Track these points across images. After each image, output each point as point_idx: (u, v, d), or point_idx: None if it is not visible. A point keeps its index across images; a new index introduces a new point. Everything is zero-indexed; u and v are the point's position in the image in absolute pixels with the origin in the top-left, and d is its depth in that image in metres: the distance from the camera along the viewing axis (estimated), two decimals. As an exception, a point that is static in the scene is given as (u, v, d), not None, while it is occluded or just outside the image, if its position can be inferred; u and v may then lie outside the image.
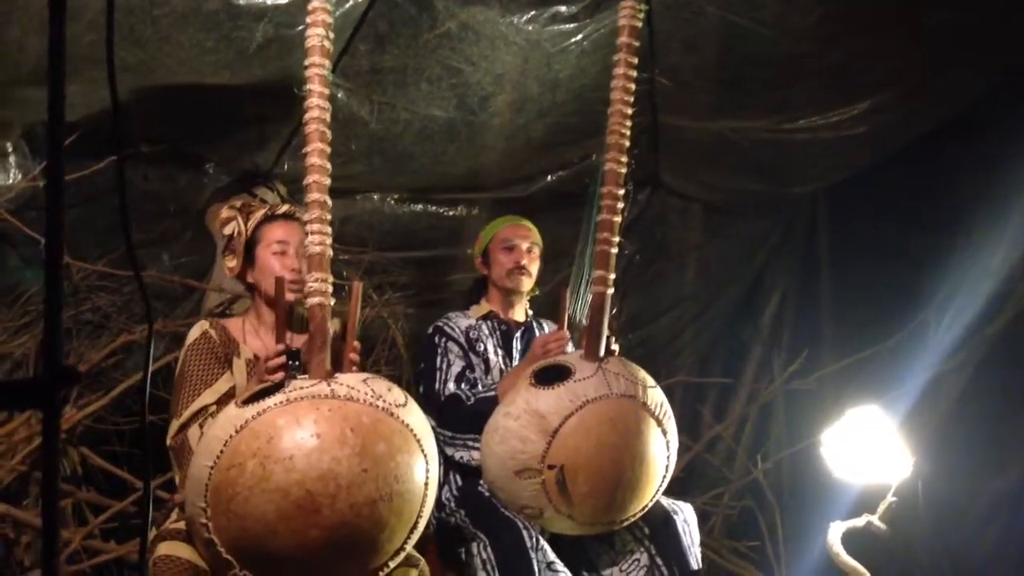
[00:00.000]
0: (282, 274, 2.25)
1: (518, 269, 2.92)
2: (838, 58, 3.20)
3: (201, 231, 3.75)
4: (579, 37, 3.02)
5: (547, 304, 3.21)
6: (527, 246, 2.95)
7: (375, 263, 3.92)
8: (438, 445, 2.30)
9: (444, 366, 2.79)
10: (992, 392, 4.05)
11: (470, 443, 2.65)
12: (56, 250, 0.75)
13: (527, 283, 2.96)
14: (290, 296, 2.24)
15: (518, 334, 2.97)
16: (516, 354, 2.94)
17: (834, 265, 4.84)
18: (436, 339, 2.87)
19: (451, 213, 4.11)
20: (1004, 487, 3.98)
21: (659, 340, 4.77)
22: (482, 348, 2.88)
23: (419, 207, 4.04)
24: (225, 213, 2.37)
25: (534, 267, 2.97)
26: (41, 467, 3.01)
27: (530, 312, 3.08)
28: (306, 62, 2.09)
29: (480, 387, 2.76)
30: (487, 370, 2.86)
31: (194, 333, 2.32)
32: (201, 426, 2.16)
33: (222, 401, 2.20)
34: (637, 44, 2.52)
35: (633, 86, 2.53)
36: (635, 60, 2.52)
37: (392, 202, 3.99)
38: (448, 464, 2.74)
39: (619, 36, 2.51)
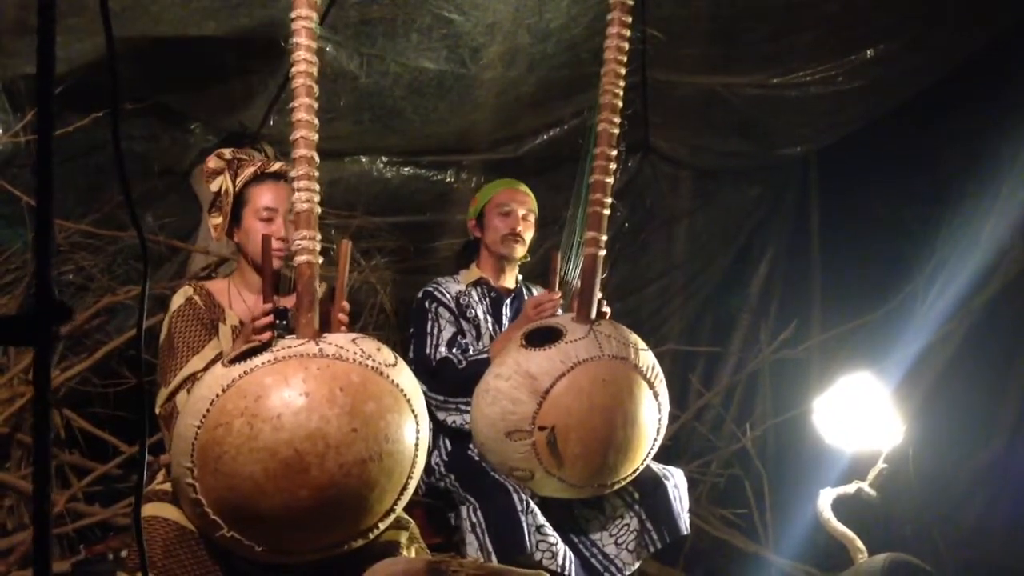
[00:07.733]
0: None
1: (512, 236, 2.87)
2: (834, 9, 3.16)
3: (186, 193, 3.69)
4: (571, -17, 2.97)
5: (537, 268, 3.18)
6: (523, 212, 2.89)
7: (363, 228, 3.87)
8: (429, 410, 2.26)
9: (435, 331, 2.76)
10: (979, 363, 4.07)
11: (462, 407, 2.63)
12: (46, 179, 0.71)
13: (520, 250, 2.91)
14: (276, 263, 2.19)
15: (508, 300, 2.93)
16: (506, 320, 2.90)
17: (824, 235, 4.84)
18: (426, 304, 2.82)
19: (440, 177, 4.06)
20: (990, 456, 4.02)
21: (648, 308, 4.75)
22: (472, 314, 2.84)
23: (408, 170, 3.99)
24: (213, 163, 2.27)
25: (528, 234, 2.92)
26: (25, 425, 2.96)
27: (519, 278, 3.04)
28: (292, 15, 2.01)
29: (472, 352, 2.73)
30: (478, 336, 2.83)
31: (178, 300, 2.26)
32: (190, 392, 2.12)
33: (210, 367, 2.16)
34: (631, 3, 2.43)
35: (627, 45, 2.45)
36: (629, 19, 2.43)
37: (381, 165, 3.94)
38: (438, 428, 2.72)
39: None
